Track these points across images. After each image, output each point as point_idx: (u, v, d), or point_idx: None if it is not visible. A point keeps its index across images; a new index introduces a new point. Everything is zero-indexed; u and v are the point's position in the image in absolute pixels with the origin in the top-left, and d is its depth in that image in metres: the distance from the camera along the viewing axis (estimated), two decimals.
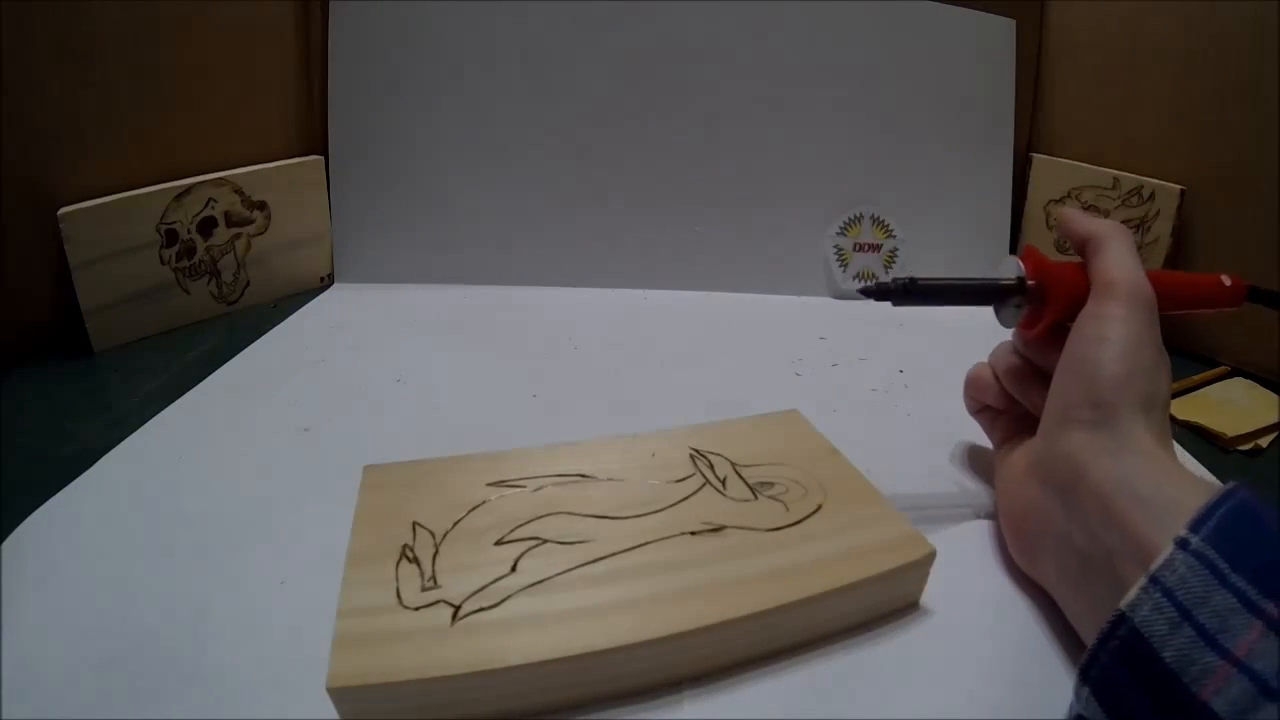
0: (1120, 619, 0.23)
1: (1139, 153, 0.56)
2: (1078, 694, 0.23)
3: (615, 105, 0.59)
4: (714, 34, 0.58)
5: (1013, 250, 0.64)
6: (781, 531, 0.31)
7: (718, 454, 0.35)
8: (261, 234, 0.56)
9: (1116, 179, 0.57)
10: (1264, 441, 0.44)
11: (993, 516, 0.36)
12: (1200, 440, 0.45)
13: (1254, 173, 0.50)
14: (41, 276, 0.47)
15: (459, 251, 0.60)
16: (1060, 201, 0.60)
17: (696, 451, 0.35)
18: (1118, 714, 0.22)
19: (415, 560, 0.28)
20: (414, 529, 0.30)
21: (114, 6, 0.47)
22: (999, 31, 0.61)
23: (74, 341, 0.49)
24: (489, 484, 0.32)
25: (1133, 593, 0.23)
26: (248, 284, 0.56)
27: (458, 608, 0.26)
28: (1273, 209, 0.49)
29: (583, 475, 0.33)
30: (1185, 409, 0.47)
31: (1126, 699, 0.22)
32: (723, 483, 0.33)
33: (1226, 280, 0.35)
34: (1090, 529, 0.27)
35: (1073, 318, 0.32)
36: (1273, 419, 0.46)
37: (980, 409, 0.39)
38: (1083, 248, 0.33)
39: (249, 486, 0.36)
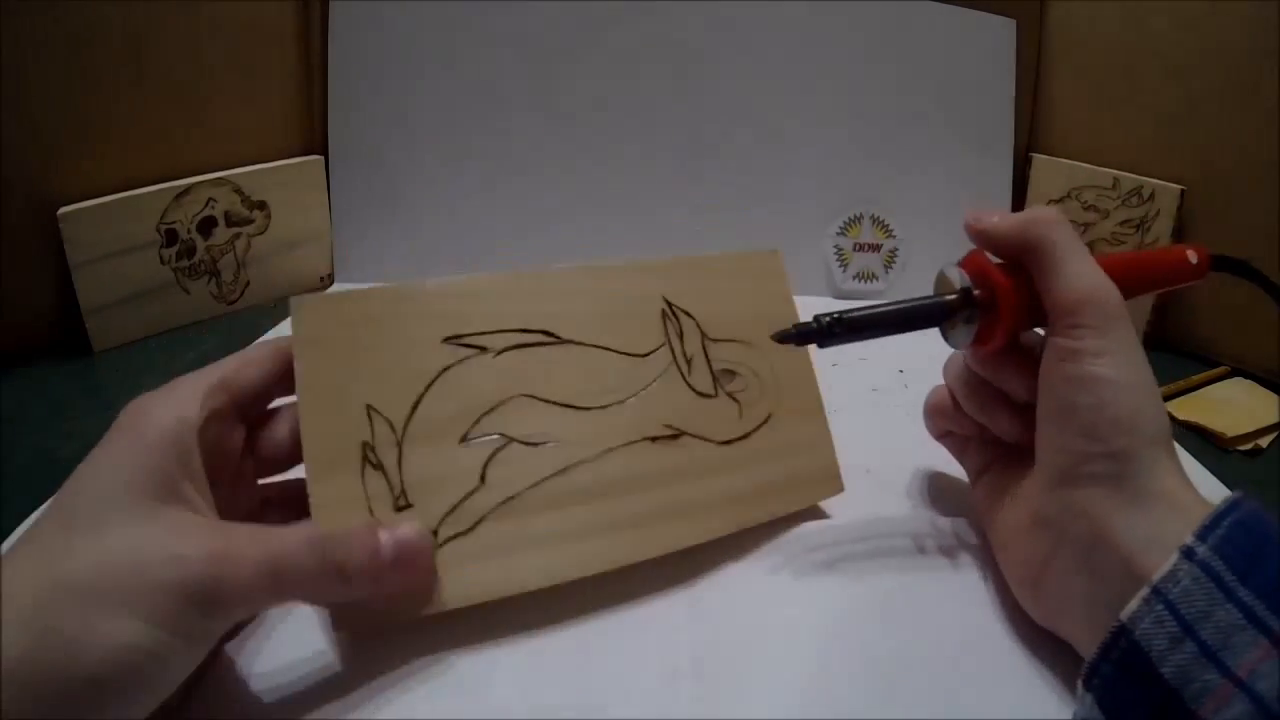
0: (1120, 631, 0.22)
1: (1139, 153, 0.56)
2: (1081, 699, 0.23)
3: (616, 105, 0.59)
4: (714, 34, 0.58)
5: None
6: (731, 446, 0.33)
7: (689, 314, 0.34)
8: (261, 234, 0.56)
9: (1116, 179, 0.57)
10: (1264, 441, 0.44)
11: None
12: (1200, 440, 0.45)
13: (1254, 173, 0.50)
14: (41, 276, 0.47)
15: (459, 251, 0.59)
16: (1060, 201, 0.60)
17: (669, 306, 0.34)
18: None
19: (380, 467, 0.27)
20: (369, 416, 0.28)
21: (114, 6, 0.47)
22: (999, 31, 0.61)
23: (74, 341, 0.49)
24: (444, 340, 0.30)
25: (1134, 603, 0.22)
26: (248, 284, 0.56)
27: (435, 533, 0.27)
28: (1273, 209, 0.49)
29: (546, 333, 0.31)
30: (1185, 409, 0.47)
31: (1128, 709, 0.22)
32: (689, 364, 0.34)
33: (1192, 256, 0.32)
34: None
35: (1029, 326, 0.29)
36: (1273, 419, 0.46)
37: (944, 434, 0.36)
38: (1018, 254, 0.29)
39: None
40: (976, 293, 0.29)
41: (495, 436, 0.29)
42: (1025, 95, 0.62)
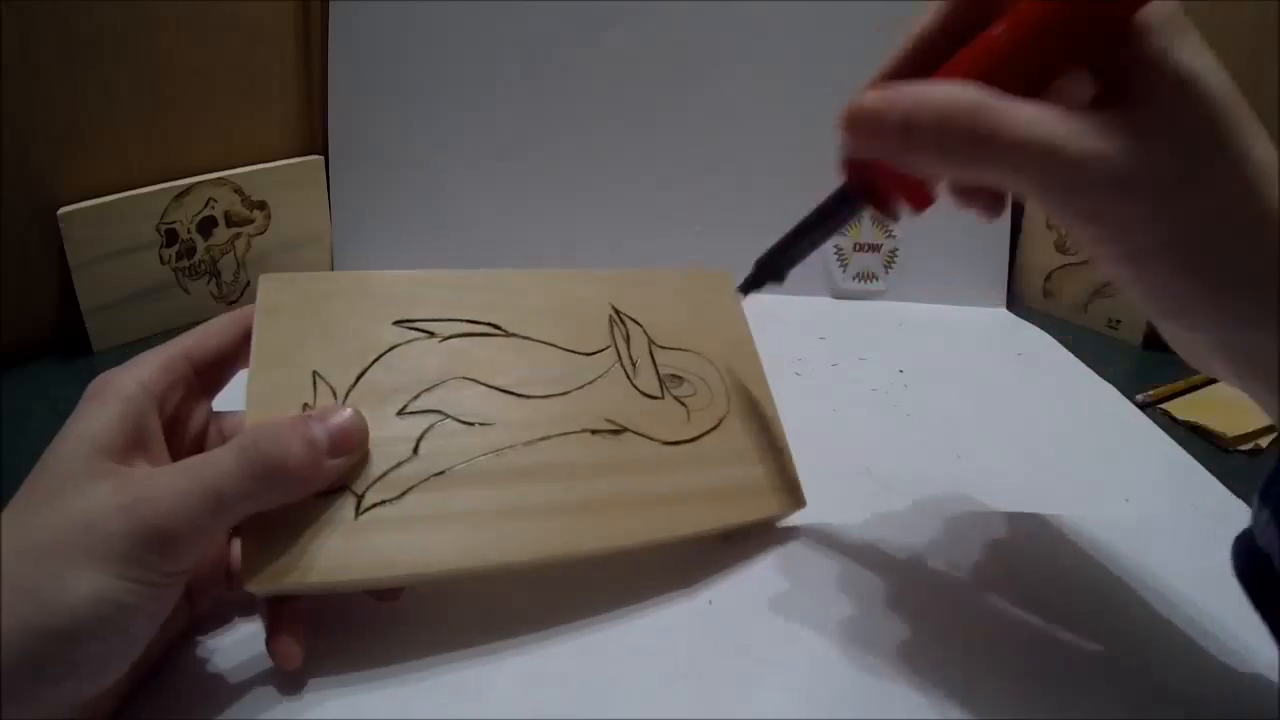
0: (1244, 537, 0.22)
1: None
2: (1257, 517, 0.23)
3: (615, 105, 0.59)
4: (713, 34, 0.58)
5: (1014, 250, 0.63)
6: (677, 447, 0.31)
7: (637, 322, 0.35)
8: (261, 234, 0.56)
9: None
10: (1264, 441, 0.44)
11: (990, 517, 0.36)
12: (1200, 440, 0.45)
13: None
14: (41, 276, 0.47)
15: (459, 251, 0.59)
16: None
17: (616, 314, 0.34)
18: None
19: None
20: (314, 380, 0.28)
21: (114, 6, 0.47)
22: None
23: (74, 341, 0.49)
24: (395, 322, 0.30)
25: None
26: (248, 284, 0.56)
27: (360, 498, 0.26)
28: None
29: (494, 325, 0.32)
30: (1185, 409, 0.47)
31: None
32: (634, 366, 0.33)
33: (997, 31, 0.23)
34: None
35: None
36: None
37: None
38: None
39: None
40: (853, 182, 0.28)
41: (433, 413, 0.29)
42: None
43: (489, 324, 0.32)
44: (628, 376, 0.33)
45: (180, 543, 0.22)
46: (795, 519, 0.35)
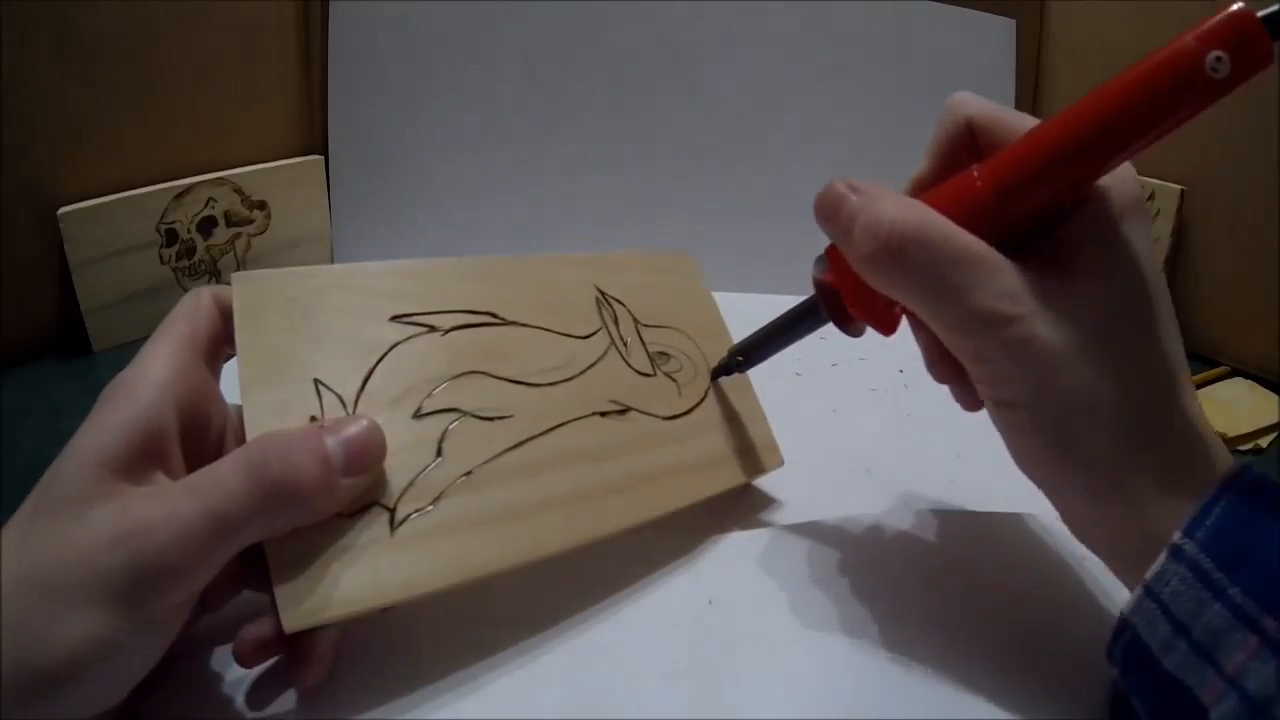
0: (1124, 624, 0.23)
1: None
2: (1110, 669, 0.24)
3: (616, 105, 0.59)
4: (714, 34, 0.58)
5: None
6: (675, 421, 0.34)
7: (621, 303, 0.36)
8: (261, 234, 0.56)
9: None
10: (1264, 441, 0.44)
11: (990, 518, 0.36)
12: None
13: (1254, 173, 0.50)
14: (41, 276, 0.47)
15: (460, 251, 0.59)
16: None
17: (601, 294, 0.36)
18: (1140, 697, 0.23)
19: None
20: (318, 389, 0.26)
21: (114, 6, 0.47)
22: (999, 31, 0.61)
23: (74, 341, 0.49)
24: (392, 318, 0.29)
25: (1131, 600, 0.23)
26: None
27: (393, 511, 0.25)
28: (1273, 209, 0.49)
29: (492, 314, 0.31)
30: None
31: (1143, 688, 0.23)
32: (626, 346, 0.34)
33: (1216, 60, 0.25)
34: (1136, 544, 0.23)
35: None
36: (1273, 419, 0.46)
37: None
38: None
39: None
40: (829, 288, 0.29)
41: (450, 411, 0.28)
42: (1025, 95, 0.62)
43: (486, 313, 0.31)
44: (622, 357, 0.34)
45: (180, 577, 0.21)
46: (796, 519, 0.35)
